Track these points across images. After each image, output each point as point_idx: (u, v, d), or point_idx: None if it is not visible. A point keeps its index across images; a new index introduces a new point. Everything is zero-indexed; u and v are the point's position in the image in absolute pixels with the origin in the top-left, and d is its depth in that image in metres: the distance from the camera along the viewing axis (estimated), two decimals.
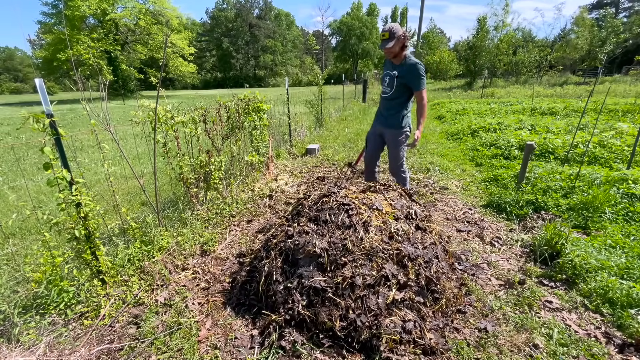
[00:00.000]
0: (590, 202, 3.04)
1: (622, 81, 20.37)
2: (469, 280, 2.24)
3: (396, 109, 2.91)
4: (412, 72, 2.74)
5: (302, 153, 6.06)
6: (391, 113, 2.95)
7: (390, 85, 2.87)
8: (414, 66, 2.73)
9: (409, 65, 2.75)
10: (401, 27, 2.70)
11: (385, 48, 2.68)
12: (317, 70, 57.17)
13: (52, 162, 1.84)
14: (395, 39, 2.65)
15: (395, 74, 2.79)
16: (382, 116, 3.05)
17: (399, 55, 2.78)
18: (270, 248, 2.11)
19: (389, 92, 2.90)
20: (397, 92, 2.85)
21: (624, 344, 1.69)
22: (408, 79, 2.76)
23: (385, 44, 2.67)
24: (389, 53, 2.75)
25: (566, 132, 6.13)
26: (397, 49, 2.71)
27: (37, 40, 30.48)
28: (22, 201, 3.74)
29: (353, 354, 1.67)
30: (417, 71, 2.72)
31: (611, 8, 33.75)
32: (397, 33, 2.64)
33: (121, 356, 1.72)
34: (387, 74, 2.91)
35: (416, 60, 2.75)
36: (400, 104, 2.90)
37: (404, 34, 2.68)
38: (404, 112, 2.93)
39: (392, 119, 2.95)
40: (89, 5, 25.50)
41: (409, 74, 2.74)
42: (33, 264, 2.01)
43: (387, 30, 2.65)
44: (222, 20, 53.67)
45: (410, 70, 2.74)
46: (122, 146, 2.50)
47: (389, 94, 2.90)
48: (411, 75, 2.74)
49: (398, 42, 2.68)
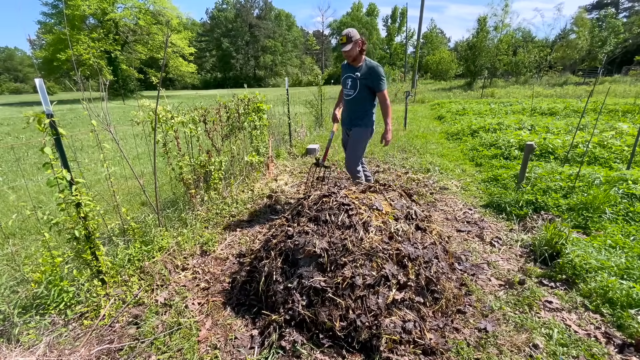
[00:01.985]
0: (590, 202, 3.04)
1: (622, 81, 20.39)
2: (469, 281, 2.24)
3: (362, 109, 3.01)
4: (372, 74, 2.86)
5: (302, 153, 6.06)
6: (357, 114, 3.04)
7: (353, 87, 2.96)
8: (373, 68, 2.85)
9: (369, 68, 2.87)
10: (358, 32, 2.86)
11: (344, 51, 2.81)
12: (317, 71, 57.15)
13: (52, 162, 1.84)
14: (353, 43, 2.78)
15: (358, 75, 2.88)
16: (348, 117, 3.13)
17: (358, 58, 2.90)
18: (270, 248, 2.11)
19: (353, 93, 2.98)
20: (360, 93, 2.94)
21: (623, 344, 1.69)
22: (370, 80, 2.87)
23: (343, 47, 2.80)
24: (348, 56, 2.87)
25: (566, 132, 6.13)
26: (355, 52, 2.83)
27: (37, 40, 30.49)
28: (22, 201, 3.74)
29: (353, 354, 1.67)
30: (377, 73, 2.85)
31: (611, 8, 33.73)
32: (354, 37, 2.78)
33: (121, 356, 1.72)
34: (348, 77, 2.98)
35: (375, 62, 2.88)
36: (365, 104, 2.99)
37: (361, 39, 2.84)
38: (369, 112, 3.03)
39: (358, 119, 3.04)
40: (89, 4, 25.51)
41: (370, 75, 2.86)
42: (33, 264, 2.01)
43: (344, 35, 2.77)
44: (222, 21, 53.70)
45: (371, 72, 2.86)
46: (122, 146, 2.50)
47: (353, 95, 2.98)
48: (372, 76, 2.86)
49: (355, 45, 2.81)
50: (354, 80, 2.93)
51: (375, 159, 5.58)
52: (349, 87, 2.99)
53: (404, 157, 5.63)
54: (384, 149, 6.10)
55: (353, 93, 2.97)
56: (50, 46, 26.49)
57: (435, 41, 51.21)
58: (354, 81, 2.93)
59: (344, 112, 3.19)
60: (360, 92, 2.94)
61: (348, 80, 2.98)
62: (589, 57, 26.07)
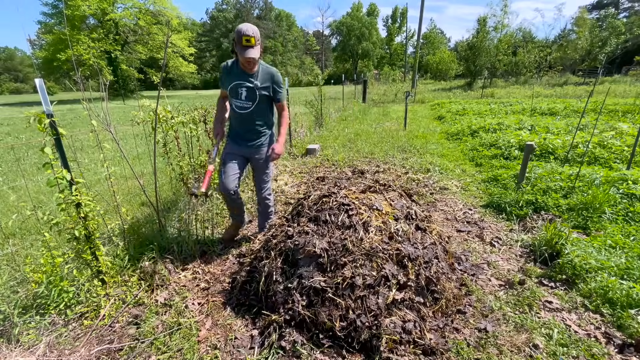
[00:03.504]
0: (590, 203, 3.04)
1: (622, 81, 20.38)
2: (469, 281, 2.24)
3: (263, 125, 2.49)
4: (274, 81, 2.38)
5: (302, 153, 6.06)
6: (258, 132, 2.49)
7: (251, 99, 2.35)
8: (274, 75, 2.37)
9: (269, 74, 2.36)
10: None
11: (251, 57, 2.14)
12: (317, 71, 57.18)
13: (52, 162, 1.84)
14: (259, 45, 2.17)
15: (256, 84, 2.32)
16: (245, 137, 2.49)
17: (257, 63, 2.31)
18: (270, 248, 2.11)
19: (250, 106, 2.37)
20: (259, 106, 2.40)
21: (623, 344, 1.69)
22: (270, 89, 2.38)
23: (249, 51, 2.12)
24: (252, 63, 2.24)
25: (566, 132, 6.13)
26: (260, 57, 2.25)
27: (37, 40, 30.52)
28: (22, 201, 3.74)
29: (353, 354, 1.67)
30: (278, 80, 2.39)
31: (612, 8, 33.75)
32: (259, 37, 2.16)
33: (121, 356, 1.72)
34: (240, 85, 2.32)
35: (272, 66, 2.40)
36: (265, 119, 2.50)
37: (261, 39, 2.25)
38: (271, 127, 2.57)
39: (261, 138, 2.51)
40: (89, 5, 25.53)
41: (272, 83, 2.38)
42: (33, 264, 2.01)
43: (252, 35, 2.09)
44: (221, 21, 53.73)
45: (272, 79, 2.37)
46: (122, 146, 2.50)
47: (251, 108, 2.37)
48: (273, 84, 2.38)
49: (260, 48, 2.21)
50: (250, 90, 2.32)
51: (375, 159, 5.58)
52: (244, 98, 2.34)
53: (404, 157, 5.63)
54: (384, 149, 6.10)
55: (250, 106, 2.36)
56: (50, 46, 26.51)
57: (435, 41, 51.25)
58: (251, 91, 2.32)
59: (238, 130, 2.49)
60: (259, 105, 2.38)
61: (241, 90, 2.32)
62: (589, 57, 26.07)
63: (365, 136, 7.40)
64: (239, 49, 2.13)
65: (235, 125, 2.50)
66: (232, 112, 2.46)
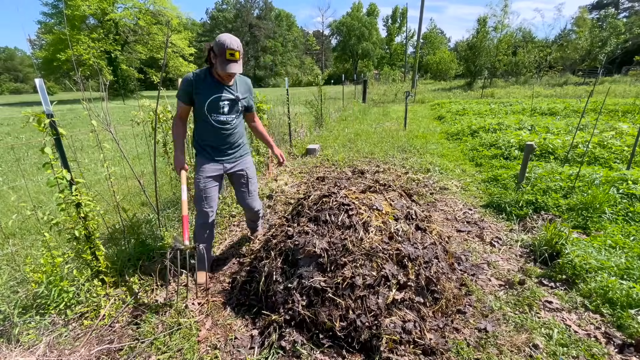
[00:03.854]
0: (590, 203, 3.04)
1: (622, 81, 20.38)
2: (469, 281, 2.24)
3: (242, 136, 2.36)
4: (251, 91, 2.30)
5: (302, 153, 6.06)
6: (241, 143, 2.35)
7: (234, 111, 2.18)
8: (249, 84, 2.28)
9: (246, 84, 2.25)
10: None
11: (234, 73, 1.98)
12: (317, 71, 57.23)
13: (52, 162, 1.84)
14: (241, 59, 1.99)
15: (239, 97, 2.17)
16: (228, 153, 2.28)
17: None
18: (270, 248, 2.11)
19: (234, 119, 2.20)
20: (239, 118, 2.27)
21: (623, 344, 1.69)
22: (248, 99, 2.27)
23: (235, 66, 1.94)
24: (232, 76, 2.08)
25: (566, 132, 6.13)
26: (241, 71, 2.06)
27: (37, 40, 30.53)
28: (22, 201, 3.74)
29: (353, 354, 1.67)
30: (251, 88, 2.32)
31: (612, 8, 33.77)
32: (242, 51, 2.00)
33: (121, 356, 1.72)
34: (221, 98, 2.09)
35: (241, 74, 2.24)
36: (242, 130, 2.37)
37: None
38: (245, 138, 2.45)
39: (243, 149, 2.38)
40: (89, 5, 25.54)
41: (249, 94, 2.28)
42: (33, 264, 2.01)
43: (236, 50, 1.91)
44: (222, 21, 53.72)
45: (249, 90, 2.28)
46: (122, 146, 2.50)
47: (233, 121, 2.20)
48: (250, 94, 2.30)
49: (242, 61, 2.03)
50: (233, 102, 2.15)
51: (375, 159, 5.58)
52: (228, 111, 2.14)
53: (404, 157, 5.63)
54: (384, 149, 6.10)
55: (234, 119, 2.20)
56: (50, 46, 26.51)
57: (435, 41, 51.27)
58: (233, 104, 2.15)
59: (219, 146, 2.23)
60: (239, 117, 2.25)
61: (223, 104, 2.11)
62: (589, 57, 26.08)
63: (365, 136, 7.40)
64: (221, 61, 1.92)
65: (212, 142, 2.21)
66: (206, 128, 2.15)
